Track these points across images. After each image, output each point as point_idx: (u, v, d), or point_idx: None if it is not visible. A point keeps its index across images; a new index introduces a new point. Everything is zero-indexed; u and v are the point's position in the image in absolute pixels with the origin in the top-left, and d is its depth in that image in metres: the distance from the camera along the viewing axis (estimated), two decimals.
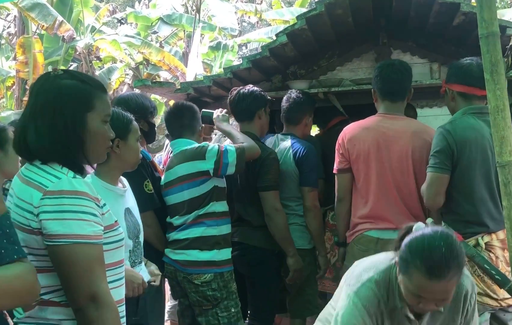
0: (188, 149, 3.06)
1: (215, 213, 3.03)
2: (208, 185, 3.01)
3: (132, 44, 11.76)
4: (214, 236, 3.00)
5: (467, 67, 2.82)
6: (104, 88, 1.72)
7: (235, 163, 2.98)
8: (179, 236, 3.02)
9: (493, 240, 2.67)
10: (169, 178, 3.10)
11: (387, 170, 2.96)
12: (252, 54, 4.07)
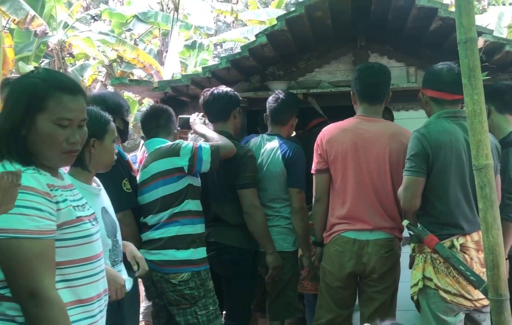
0: (163, 147, 3.08)
1: (190, 212, 3.03)
2: (183, 182, 3.01)
3: (106, 42, 11.60)
4: (189, 235, 3.00)
5: (438, 73, 2.87)
6: (72, 90, 1.67)
7: (209, 160, 3.00)
8: (153, 235, 3.01)
9: (468, 241, 2.72)
10: (144, 176, 3.09)
11: (364, 171, 2.99)
12: (231, 54, 4.06)
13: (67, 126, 1.64)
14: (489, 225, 2.15)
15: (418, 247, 2.80)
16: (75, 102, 1.66)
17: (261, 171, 3.40)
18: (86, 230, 1.71)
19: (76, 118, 1.66)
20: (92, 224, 1.77)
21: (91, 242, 1.73)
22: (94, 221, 1.82)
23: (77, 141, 1.68)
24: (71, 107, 1.65)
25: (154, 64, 11.56)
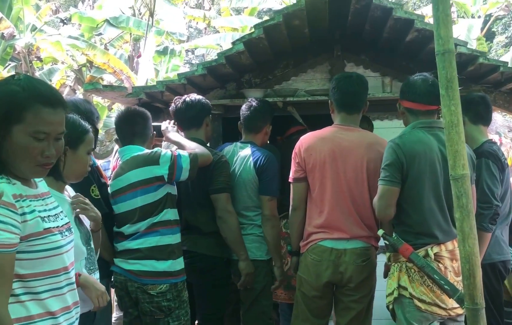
0: (140, 155, 3.00)
1: (169, 221, 2.97)
2: (162, 191, 2.96)
3: (76, 46, 11.38)
4: (169, 245, 2.94)
5: (413, 84, 2.91)
6: (53, 103, 1.62)
7: (188, 168, 2.96)
8: (131, 245, 2.93)
9: (442, 250, 2.74)
10: (119, 185, 3.00)
11: (342, 180, 3.00)
12: (208, 60, 4.04)
13: (43, 140, 1.60)
14: (466, 234, 2.17)
15: (393, 256, 2.82)
16: (54, 115, 1.62)
17: (234, 179, 3.37)
18: (54, 242, 1.66)
19: (53, 131, 1.62)
20: (62, 235, 1.72)
21: (59, 254, 1.68)
22: (66, 232, 1.77)
23: (52, 155, 1.64)
24: (49, 120, 1.61)
25: (125, 70, 11.39)
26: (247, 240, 3.33)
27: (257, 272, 3.33)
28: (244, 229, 3.35)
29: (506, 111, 4.31)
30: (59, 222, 1.74)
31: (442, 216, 2.76)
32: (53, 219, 1.71)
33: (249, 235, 3.34)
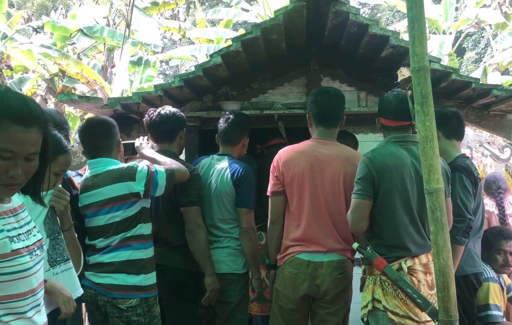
0: (116, 169, 2.92)
1: (142, 236, 2.92)
2: (137, 206, 2.90)
3: (48, 55, 11.20)
4: (141, 260, 2.89)
5: (385, 101, 2.96)
6: (25, 121, 1.51)
7: (164, 185, 2.91)
8: (103, 259, 2.88)
9: (416, 264, 2.77)
10: (92, 199, 2.92)
11: (320, 194, 3.02)
12: (185, 72, 4.03)
13: (9, 159, 1.50)
14: (440, 247, 2.21)
15: (368, 269, 2.85)
16: (25, 134, 1.51)
17: (210, 191, 3.36)
18: (22, 265, 1.57)
19: (22, 151, 1.51)
20: (32, 256, 1.62)
21: (26, 276, 1.59)
22: (38, 250, 1.68)
23: (18, 175, 1.52)
24: (18, 139, 1.50)
25: (98, 80, 11.24)
26: (223, 253, 3.32)
27: (233, 286, 3.32)
28: (221, 241, 3.34)
29: (478, 126, 4.41)
30: (31, 240, 1.66)
31: (414, 228, 2.80)
32: (24, 237, 1.63)
33: (225, 248, 3.33)
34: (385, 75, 4.21)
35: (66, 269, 2.34)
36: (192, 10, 27.27)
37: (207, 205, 3.37)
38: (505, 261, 3.78)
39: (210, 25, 17.80)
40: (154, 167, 2.93)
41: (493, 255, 3.79)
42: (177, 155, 3.35)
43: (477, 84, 3.74)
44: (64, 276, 2.32)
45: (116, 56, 13.98)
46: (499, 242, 3.79)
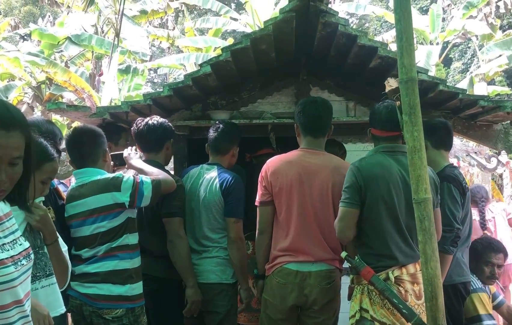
0: (101, 180, 2.90)
1: (128, 246, 2.90)
2: (122, 216, 2.89)
3: (36, 63, 11.15)
4: (127, 270, 2.87)
5: (375, 111, 2.99)
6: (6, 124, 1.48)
7: (150, 196, 2.91)
8: (88, 269, 2.85)
9: (403, 274, 2.78)
10: (78, 209, 2.90)
11: (308, 204, 3.02)
12: (174, 82, 4.02)
13: None
14: (428, 257, 2.23)
15: (356, 278, 2.85)
16: (7, 138, 1.48)
17: (199, 201, 3.35)
18: (6, 275, 1.53)
19: (4, 155, 1.48)
20: (17, 266, 1.59)
21: (11, 287, 1.55)
22: (24, 259, 1.64)
23: (2, 181, 1.49)
24: (0, 143, 1.46)
25: (86, 88, 11.22)
26: (212, 263, 3.31)
27: (222, 296, 3.30)
28: (210, 251, 3.33)
29: (465, 136, 4.45)
30: (16, 249, 1.62)
31: (401, 238, 2.81)
32: (9, 247, 1.60)
33: (214, 258, 3.32)
34: (373, 86, 4.23)
35: (48, 284, 2.27)
36: (180, 19, 27.30)
37: (196, 214, 3.36)
38: (491, 273, 3.80)
39: (198, 33, 17.84)
40: (140, 178, 2.92)
41: (480, 266, 3.81)
42: (162, 166, 3.34)
43: (464, 95, 3.78)
44: (46, 292, 2.24)
45: (104, 64, 13.96)
46: (488, 254, 3.81)
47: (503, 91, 15.85)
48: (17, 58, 11.37)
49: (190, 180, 3.43)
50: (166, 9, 13.92)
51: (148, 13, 13.69)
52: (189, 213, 3.38)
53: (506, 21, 19.89)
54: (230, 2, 31.14)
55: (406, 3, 2.30)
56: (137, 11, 13.45)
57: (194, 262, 3.32)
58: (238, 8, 25.89)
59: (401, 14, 2.29)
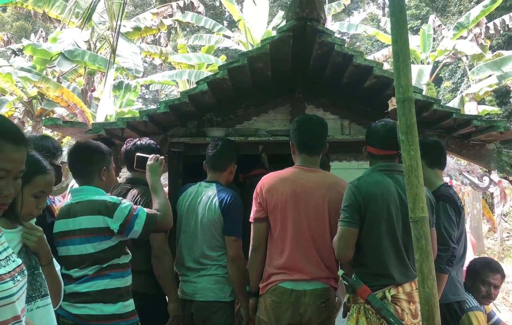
0: (98, 201, 2.83)
1: (119, 265, 2.87)
2: (114, 240, 2.84)
3: (28, 79, 11.12)
4: (118, 288, 2.83)
5: (373, 130, 3.01)
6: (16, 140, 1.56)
7: (140, 232, 2.84)
8: (79, 289, 2.79)
9: (400, 293, 2.78)
10: (69, 226, 2.84)
11: (303, 221, 3.02)
12: (171, 99, 4.02)
13: (3, 178, 1.54)
14: (425, 276, 2.23)
15: (352, 297, 2.84)
16: (17, 153, 1.56)
17: (198, 219, 3.35)
18: (6, 291, 1.54)
19: (14, 169, 1.56)
20: (14, 281, 1.60)
21: (10, 303, 1.56)
22: (19, 275, 1.65)
23: (11, 193, 1.56)
24: (12, 157, 1.54)
25: (79, 104, 11.19)
26: (211, 281, 3.30)
27: (219, 314, 3.29)
28: (208, 269, 3.32)
29: (458, 155, 4.49)
30: (11, 266, 1.63)
31: (398, 257, 2.81)
32: (4, 263, 1.60)
33: (212, 276, 3.30)
34: (368, 104, 4.27)
35: (44, 305, 2.23)
36: (173, 35, 27.41)
37: (195, 232, 3.36)
38: (487, 293, 3.79)
39: (191, 50, 17.91)
40: (137, 209, 2.85)
41: (477, 284, 3.80)
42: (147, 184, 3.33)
43: (458, 115, 3.82)
44: (41, 312, 2.20)
45: (96, 80, 13.95)
46: (486, 273, 3.81)
47: (493, 110, 16.06)
48: (9, 74, 11.34)
49: (188, 198, 3.43)
50: (160, 26, 13.98)
51: (142, 30, 13.74)
52: (187, 231, 3.38)
53: (495, 42, 20.17)
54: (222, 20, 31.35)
55: (402, 25, 2.34)
56: (130, 28, 13.49)
57: (192, 280, 3.32)
58: (231, 25, 26.09)
59: (398, 35, 2.32)
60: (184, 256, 3.39)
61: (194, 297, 3.30)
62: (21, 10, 13.81)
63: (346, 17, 33.37)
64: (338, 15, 23.86)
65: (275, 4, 29.08)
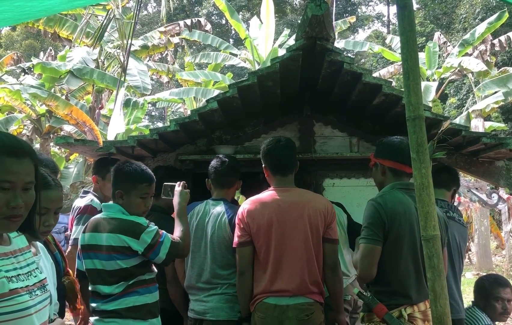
0: (124, 221, 2.87)
1: (145, 281, 2.89)
2: (136, 259, 2.85)
3: (38, 96, 11.22)
4: (146, 304, 2.85)
5: (399, 146, 2.97)
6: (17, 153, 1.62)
7: (164, 258, 2.87)
8: (107, 307, 2.81)
9: (415, 311, 2.76)
10: (96, 240, 2.88)
11: (286, 240, 3.05)
12: (181, 117, 4.07)
13: (9, 189, 1.58)
14: (438, 295, 2.22)
15: (367, 316, 2.82)
16: (19, 165, 1.61)
17: (207, 237, 3.36)
18: (21, 304, 1.58)
19: (18, 181, 1.60)
20: (32, 295, 1.64)
21: (27, 315, 1.59)
22: (38, 290, 1.69)
23: (19, 205, 1.60)
24: (13, 169, 1.59)
25: (88, 121, 11.25)
26: (222, 300, 3.28)
27: None
28: (219, 288, 3.31)
29: (467, 172, 4.47)
30: (31, 280, 1.67)
31: (417, 276, 2.79)
32: (24, 277, 1.65)
33: (223, 295, 3.29)
34: (376, 122, 4.28)
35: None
36: (179, 53, 27.64)
37: (204, 251, 3.37)
38: (504, 309, 3.75)
39: (197, 68, 18.02)
40: (162, 236, 2.87)
41: (491, 303, 3.76)
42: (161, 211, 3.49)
43: (467, 132, 3.83)
44: None
45: (104, 98, 14.05)
46: (496, 289, 3.77)
47: (500, 127, 16.03)
48: (19, 91, 11.44)
49: (196, 217, 3.44)
50: (167, 44, 14.09)
51: (149, 48, 13.85)
52: (196, 250, 3.39)
53: (500, 58, 20.21)
54: (228, 38, 31.61)
55: (413, 44, 2.35)
56: (138, 46, 13.61)
57: (202, 299, 3.32)
58: (237, 43, 26.27)
59: (408, 54, 2.33)
60: (195, 275, 3.38)
61: (205, 316, 3.29)
62: (32, 29, 13.97)
63: (351, 35, 33.56)
64: (344, 33, 24.01)
65: (281, 22, 29.31)
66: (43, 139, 13.27)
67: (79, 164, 14.11)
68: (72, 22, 12.89)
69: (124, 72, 7.93)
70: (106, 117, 14.58)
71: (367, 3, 39.76)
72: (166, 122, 28.15)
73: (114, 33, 13.72)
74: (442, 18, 27.74)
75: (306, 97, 4.27)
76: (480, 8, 21.95)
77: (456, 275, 3.52)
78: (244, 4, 32.60)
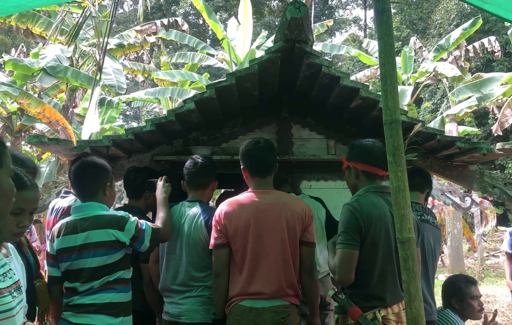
0: (106, 215, 2.97)
1: (124, 279, 2.98)
2: (121, 253, 2.97)
3: (9, 93, 10.97)
4: (122, 302, 2.93)
5: (372, 148, 2.98)
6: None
7: (148, 245, 3.03)
8: (84, 301, 2.87)
9: (389, 313, 2.78)
10: (78, 241, 2.92)
11: (262, 242, 3.03)
12: (157, 117, 4.02)
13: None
14: (412, 297, 2.24)
15: (341, 318, 2.83)
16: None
17: (183, 239, 3.32)
18: (5, 304, 1.58)
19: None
20: (13, 296, 1.64)
21: (11, 316, 1.59)
22: (15, 292, 1.69)
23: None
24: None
25: (61, 120, 11.05)
26: (197, 302, 3.25)
27: None
28: (194, 290, 3.27)
29: (441, 176, 4.53)
30: (7, 282, 1.66)
31: (392, 279, 2.81)
32: (2, 278, 1.64)
33: (198, 297, 3.26)
34: (353, 125, 4.30)
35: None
36: (155, 52, 27.42)
37: (179, 253, 3.33)
38: (480, 306, 3.78)
39: (174, 68, 17.90)
40: (143, 224, 3.01)
41: (468, 303, 3.76)
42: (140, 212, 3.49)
43: (442, 136, 3.88)
44: None
45: (78, 96, 13.83)
46: (471, 288, 3.80)
47: (473, 131, 16.34)
48: None
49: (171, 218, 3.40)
50: (143, 43, 13.95)
51: (125, 47, 13.69)
52: (171, 252, 3.35)
53: (474, 64, 20.63)
54: (205, 38, 31.51)
55: (390, 48, 2.37)
56: (114, 45, 13.42)
57: (177, 301, 3.28)
58: (214, 44, 26.20)
59: (385, 58, 2.34)
60: (169, 278, 3.34)
61: (179, 318, 3.25)
62: (3, 25, 13.68)
63: (328, 38, 33.83)
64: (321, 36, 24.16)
65: (259, 23, 29.37)
66: (14, 138, 12.99)
67: (51, 163, 13.87)
68: (45, 18, 12.65)
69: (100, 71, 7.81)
70: (79, 116, 14.37)
71: (345, 6, 40.18)
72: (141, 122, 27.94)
73: (89, 31, 13.51)
74: (418, 23, 28.19)
75: (285, 99, 4.26)
76: (455, 14, 22.39)
77: (429, 277, 3.55)
78: (221, 5, 32.59)
